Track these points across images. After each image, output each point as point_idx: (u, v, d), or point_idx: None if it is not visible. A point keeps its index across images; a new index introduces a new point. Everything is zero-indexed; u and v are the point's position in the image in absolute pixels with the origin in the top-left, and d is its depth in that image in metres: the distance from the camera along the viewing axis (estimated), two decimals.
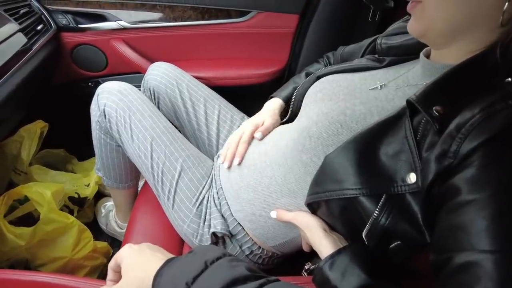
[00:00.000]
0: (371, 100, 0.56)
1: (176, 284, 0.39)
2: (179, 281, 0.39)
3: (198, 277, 0.39)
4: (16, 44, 0.85)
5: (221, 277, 0.39)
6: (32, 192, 0.92)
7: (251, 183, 0.67)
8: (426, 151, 0.42)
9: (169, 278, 0.41)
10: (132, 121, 0.78)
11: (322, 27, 1.09)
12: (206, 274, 0.40)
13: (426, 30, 0.47)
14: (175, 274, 0.41)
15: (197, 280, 0.39)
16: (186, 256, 0.44)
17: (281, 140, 0.65)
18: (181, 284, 0.39)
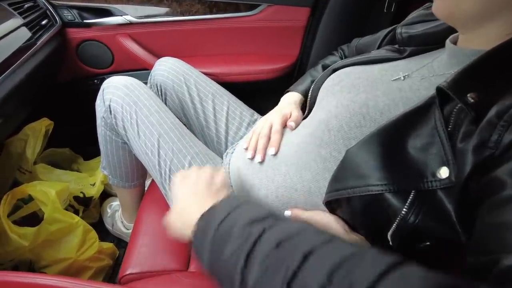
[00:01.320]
0: (394, 91, 0.52)
1: (206, 233, 0.42)
2: (208, 231, 0.42)
3: (222, 222, 0.41)
4: (19, 39, 0.83)
5: (241, 219, 0.41)
6: (36, 191, 0.89)
7: (264, 181, 0.64)
8: (461, 141, 0.38)
9: (201, 231, 0.44)
10: (138, 117, 0.75)
11: (334, 20, 1.05)
12: (229, 218, 0.42)
13: (454, 10, 0.43)
14: (205, 225, 0.44)
15: (221, 225, 0.41)
16: (214, 207, 0.46)
17: (295, 136, 0.61)
18: (209, 232, 0.41)
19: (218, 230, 0.41)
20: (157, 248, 0.75)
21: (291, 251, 0.33)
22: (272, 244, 0.35)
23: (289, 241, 0.35)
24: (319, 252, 0.32)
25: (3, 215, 0.84)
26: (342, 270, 0.30)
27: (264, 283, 0.33)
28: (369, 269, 0.29)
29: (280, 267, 0.33)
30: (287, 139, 0.63)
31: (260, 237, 0.37)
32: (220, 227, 0.41)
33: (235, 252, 0.37)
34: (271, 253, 0.34)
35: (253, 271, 0.34)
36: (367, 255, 0.31)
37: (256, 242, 0.36)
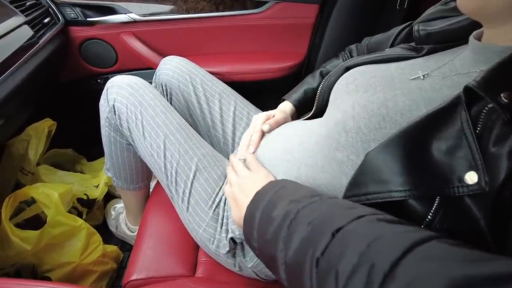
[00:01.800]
0: (414, 90, 0.49)
1: (252, 220, 0.46)
2: (253, 217, 0.46)
3: (264, 207, 0.45)
4: (22, 37, 0.81)
5: (281, 200, 0.43)
6: (39, 194, 0.87)
7: None
8: (494, 145, 0.35)
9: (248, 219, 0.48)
10: (143, 117, 0.73)
11: (344, 17, 1.02)
12: (271, 201, 0.45)
13: (483, 4, 0.40)
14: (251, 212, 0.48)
15: (263, 209, 0.45)
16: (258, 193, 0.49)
17: (308, 137, 0.59)
18: (254, 219, 0.45)
19: (263, 213, 0.44)
20: (163, 253, 0.73)
21: (320, 229, 0.35)
22: (304, 224, 0.37)
23: (319, 220, 0.37)
24: (346, 230, 0.33)
25: (5, 218, 0.82)
26: (367, 249, 0.29)
27: (299, 261, 0.35)
28: (392, 248, 0.28)
29: (310, 245, 0.34)
30: (299, 140, 0.61)
31: (294, 217, 0.39)
32: (263, 210, 0.44)
33: (274, 233, 0.40)
34: (304, 232, 0.36)
35: (290, 250, 0.37)
36: (393, 234, 0.31)
37: (291, 222, 0.39)
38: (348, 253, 0.30)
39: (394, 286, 0.26)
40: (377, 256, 0.28)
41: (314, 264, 0.33)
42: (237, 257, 0.68)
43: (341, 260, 0.30)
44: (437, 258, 0.26)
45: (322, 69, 0.79)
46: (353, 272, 0.29)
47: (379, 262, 0.28)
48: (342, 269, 0.30)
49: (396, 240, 0.29)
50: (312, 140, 0.57)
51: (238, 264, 0.68)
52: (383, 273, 0.27)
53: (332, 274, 0.30)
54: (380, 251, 0.29)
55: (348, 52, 0.84)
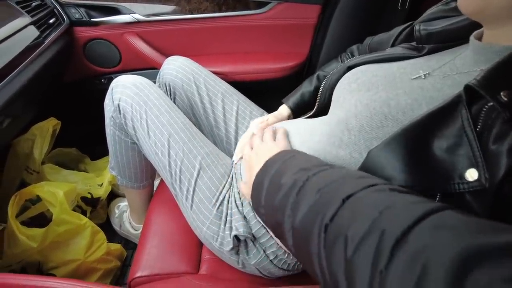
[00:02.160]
0: (415, 89, 0.50)
1: (261, 186, 0.46)
2: (262, 184, 0.46)
3: (273, 174, 0.45)
4: (28, 37, 0.82)
5: (290, 168, 0.44)
6: (44, 192, 0.88)
7: None
8: (494, 143, 0.36)
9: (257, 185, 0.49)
10: (148, 116, 0.74)
11: (346, 18, 1.03)
12: (280, 168, 0.46)
13: (485, 5, 0.41)
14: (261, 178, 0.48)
15: (272, 176, 0.45)
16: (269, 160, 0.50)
17: (311, 135, 0.59)
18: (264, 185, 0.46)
19: (272, 180, 0.45)
20: (167, 250, 0.74)
21: (330, 196, 0.35)
22: (313, 191, 0.37)
23: (329, 187, 0.36)
24: (357, 197, 0.33)
25: (11, 216, 0.83)
26: (379, 216, 0.29)
27: (306, 228, 0.35)
28: (403, 217, 0.28)
29: (319, 212, 0.34)
30: (302, 139, 0.62)
31: (303, 184, 0.39)
32: (272, 178, 0.45)
33: (282, 200, 0.40)
34: (312, 199, 0.36)
35: (297, 217, 0.37)
36: (404, 203, 0.30)
37: (300, 189, 0.39)
38: (358, 219, 0.30)
39: (405, 252, 0.25)
40: (388, 223, 0.28)
41: (323, 229, 0.33)
42: (241, 254, 0.69)
43: (350, 226, 0.30)
44: (450, 227, 0.26)
45: (320, 72, 0.80)
46: (363, 238, 0.28)
47: (391, 228, 0.27)
48: (351, 235, 0.29)
49: (409, 209, 0.29)
50: (315, 138, 0.58)
51: (242, 261, 0.69)
52: (394, 238, 0.26)
53: (340, 240, 0.30)
54: (392, 219, 0.29)
55: (349, 53, 0.85)
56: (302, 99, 0.79)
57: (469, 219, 0.26)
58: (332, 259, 0.31)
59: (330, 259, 0.31)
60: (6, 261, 0.84)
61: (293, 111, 0.81)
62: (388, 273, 0.25)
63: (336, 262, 0.30)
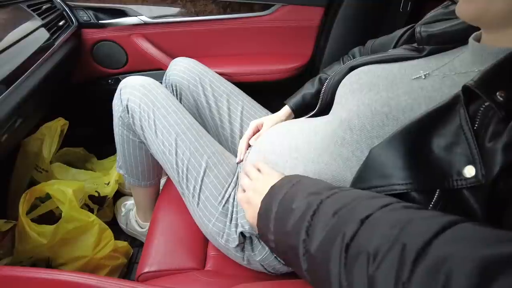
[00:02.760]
0: (415, 90, 0.52)
1: (268, 213, 0.46)
2: (270, 210, 0.46)
3: (282, 200, 0.45)
4: (39, 39, 0.84)
5: (300, 193, 0.44)
6: (54, 190, 0.90)
7: None
8: (490, 141, 0.37)
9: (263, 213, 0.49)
10: (156, 116, 0.76)
11: (348, 20, 1.05)
12: (288, 195, 0.45)
13: (483, 11, 0.42)
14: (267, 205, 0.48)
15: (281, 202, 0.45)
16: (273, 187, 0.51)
17: (314, 135, 0.61)
18: (272, 211, 0.46)
19: (280, 205, 0.44)
20: (174, 247, 0.76)
21: (348, 218, 0.35)
22: (329, 214, 0.37)
23: (345, 209, 0.37)
24: (374, 217, 0.34)
25: (22, 213, 0.85)
26: (399, 232, 0.30)
27: (325, 250, 0.35)
28: (423, 230, 0.29)
29: (338, 233, 0.34)
30: (305, 138, 0.63)
31: (318, 208, 0.39)
32: (281, 203, 0.44)
33: (296, 224, 0.40)
34: (329, 221, 0.36)
35: (314, 240, 0.37)
36: (422, 218, 0.31)
37: (314, 213, 0.39)
38: (379, 237, 0.31)
39: (427, 264, 0.26)
40: (409, 238, 0.29)
41: (344, 249, 0.33)
42: (246, 251, 0.70)
43: (372, 244, 0.31)
44: (469, 238, 0.27)
45: (321, 74, 0.82)
46: (385, 254, 0.29)
47: (411, 242, 0.28)
48: (373, 252, 0.30)
49: (426, 224, 0.30)
50: (318, 138, 0.60)
51: (247, 257, 0.71)
52: (415, 251, 0.27)
53: (362, 257, 0.31)
54: (412, 233, 0.29)
55: (351, 55, 0.87)
56: (304, 100, 0.81)
57: (486, 229, 0.27)
58: (354, 278, 0.31)
59: (351, 278, 0.31)
60: (18, 257, 0.86)
61: (294, 112, 0.83)
62: (410, 284, 0.26)
63: (358, 281, 0.30)
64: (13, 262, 0.86)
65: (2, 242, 0.89)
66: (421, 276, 0.26)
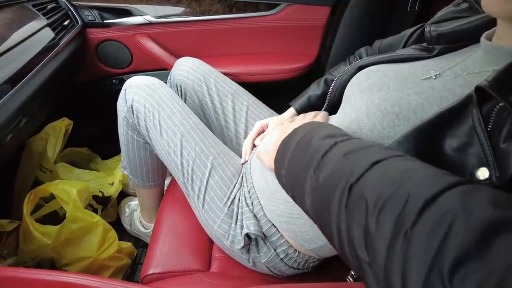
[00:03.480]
0: (426, 90, 0.51)
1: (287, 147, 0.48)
2: (288, 145, 0.48)
3: (301, 139, 0.46)
4: (44, 39, 0.84)
5: (318, 133, 0.45)
6: (58, 190, 0.90)
7: None
8: (504, 141, 0.36)
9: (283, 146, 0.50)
10: (161, 116, 0.75)
11: (355, 20, 1.04)
12: (308, 134, 0.46)
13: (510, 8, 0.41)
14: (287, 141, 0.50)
15: (300, 140, 0.46)
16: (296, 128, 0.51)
17: None
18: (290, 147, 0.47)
19: (298, 143, 0.46)
20: (179, 248, 0.75)
21: (358, 160, 0.35)
22: (340, 155, 0.38)
23: (357, 152, 0.37)
24: (386, 162, 0.33)
25: (26, 213, 0.85)
26: (404, 181, 0.29)
27: (330, 186, 0.35)
28: (431, 183, 0.28)
29: (344, 173, 0.34)
30: None
31: (331, 148, 0.40)
32: (300, 141, 0.46)
33: (307, 161, 0.41)
34: (338, 161, 0.37)
35: (320, 177, 0.37)
36: (433, 171, 0.31)
37: (326, 152, 0.39)
38: (385, 182, 0.30)
39: (433, 213, 0.26)
40: (417, 187, 0.28)
41: (347, 189, 0.33)
42: (251, 253, 0.70)
43: (376, 188, 0.30)
44: (479, 198, 0.26)
45: (327, 76, 0.81)
46: (388, 200, 0.29)
47: (420, 192, 0.27)
48: (376, 197, 0.29)
49: (440, 177, 0.29)
50: None
51: (252, 259, 0.70)
52: (423, 201, 0.26)
53: (363, 200, 0.30)
54: (422, 183, 0.29)
55: (357, 55, 0.86)
56: (309, 102, 0.80)
57: (500, 194, 0.26)
58: (353, 218, 0.31)
59: (351, 218, 0.31)
60: (22, 257, 0.86)
61: (299, 113, 0.81)
62: (413, 232, 0.26)
63: (357, 222, 0.30)
64: (18, 262, 0.86)
65: (7, 242, 0.89)
66: (426, 225, 0.25)
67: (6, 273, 0.59)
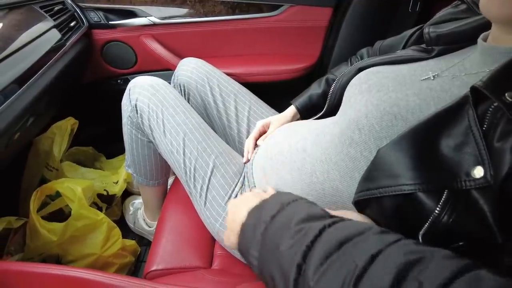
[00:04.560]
0: (424, 90, 0.51)
1: (256, 227, 0.43)
2: (259, 224, 0.42)
3: (275, 216, 0.42)
4: (51, 40, 0.86)
5: (297, 213, 0.41)
6: (64, 188, 0.92)
7: (289, 181, 0.64)
8: (498, 140, 0.37)
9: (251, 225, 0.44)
10: (164, 116, 0.76)
11: (357, 20, 1.05)
12: (283, 212, 0.42)
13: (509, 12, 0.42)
14: (256, 219, 0.44)
15: (274, 218, 0.41)
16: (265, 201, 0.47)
17: (322, 135, 0.61)
18: (260, 225, 0.42)
19: (272, 223, 0.41)
20: (181, 246, 0.76)
21: (356, 251, 0.33)
22: (333, 243, 0.34)
23: (352, 242, 0.34)
24: (386, 253, 0.32)
25: (33, 210, 0.86)
26: (411, 271, 0.29)
27: (327, 280, 0.32)
28: (440, 271, 0.28)
29: (345, 266, 0.32)
30: (313, 138, 0.63)
31: (320, 234, 0.36)
32: (274, 221, 0.41)
33: (292, 246, 0.37)
34: (334, 251, 0.34)
35: (313, 267, 0.34)
36: (437, 258, 0.30)
37: (316, 238, 0.36)
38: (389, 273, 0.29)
39: None
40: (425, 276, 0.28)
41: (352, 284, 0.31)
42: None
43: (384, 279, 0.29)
44: None
45: (329, 75, 0.82)
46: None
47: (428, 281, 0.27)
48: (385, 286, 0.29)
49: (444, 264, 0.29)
50: (326, 138, 0.60)
51: None
52: None
53: None
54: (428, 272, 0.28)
55: (359, 56, 0.86)
56: (310, 100, 0.81)
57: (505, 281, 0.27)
58: None
59: None
60: (28, 254, 0.88)
61: (300, 112, 0.82)
62: None
63: None
64: (24, 258, 0.87)
65: (14, 239, 0.91)
66: None
67: (14, 267, 0.61)
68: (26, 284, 0.59)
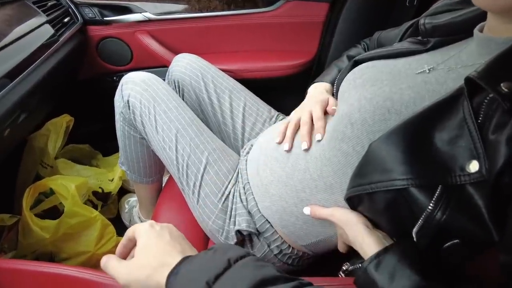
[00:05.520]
0: (419, 84, 0.50)
1: (194, 283, 0.35)
2: (198, 280, 0.35)
3: (220, 276, 0.35)
4: (43, 35, 0.85)
5: (248, 276, 0.34)
6: (57, 185, 0.91)
7: (283, 177, 0.63)
8: (493, 133, 0.36)
9: (186, 277, 0.37)
10: (156, 112, 0.75)
11: (354, 16, 1.03)
12: (230, 272, 0.35)
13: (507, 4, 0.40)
14: (193, 272, 0.37)
15: (219, 279, 0.35)
16: (206, 253, 0.40)
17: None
18: (200, 283, 0.35)
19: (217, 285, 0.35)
20: None
21: None
22: None
23: None
24: None
25: (26, 207, 0.86)
26: None
27: None
28: None
29: None
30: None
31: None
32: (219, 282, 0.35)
33: None
34: None
35: None
36: None
37: None
38: None
39: None
40: None
41: None
42: (245, 248, 0.70)
43: None
44: None
45: (347, 54, 0.79)
46: None
47: None
48: None
49: None
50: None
51: None
52: None
53: None
54: None
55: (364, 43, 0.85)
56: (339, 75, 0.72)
57: None
58: None
59: None
60: (21, 251, 0.87)
61: (333, 86, 0.73)
62: None
63: None
64: (17, 256, 0.87)
65: (8, 237, 0.90)
66: None
67: (7, 265, 0.60)
68: (18, 282, 0.59)
